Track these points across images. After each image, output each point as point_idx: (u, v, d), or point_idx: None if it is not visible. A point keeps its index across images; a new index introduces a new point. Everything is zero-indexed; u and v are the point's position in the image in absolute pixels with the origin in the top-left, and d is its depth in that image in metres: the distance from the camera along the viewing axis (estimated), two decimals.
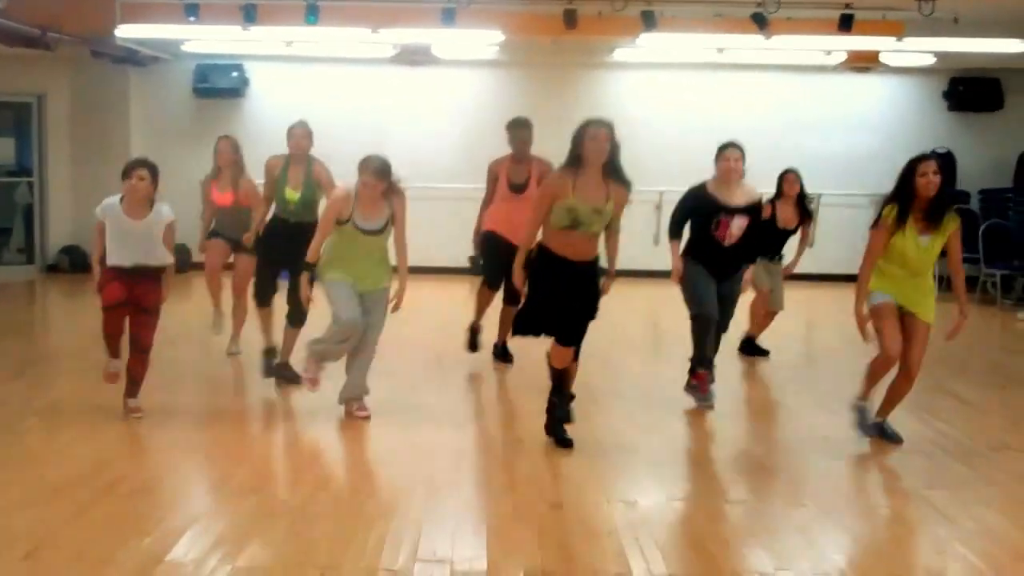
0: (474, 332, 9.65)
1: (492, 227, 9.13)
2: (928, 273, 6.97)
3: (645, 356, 10.51)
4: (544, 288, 6.64)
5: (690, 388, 7.96)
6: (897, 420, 7.90)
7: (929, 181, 6.70)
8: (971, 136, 16.20)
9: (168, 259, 7.27)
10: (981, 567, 5.16)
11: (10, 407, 7.79)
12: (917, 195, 6.74)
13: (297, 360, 8.13)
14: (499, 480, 6.40)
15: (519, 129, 9.25)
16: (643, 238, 15.26)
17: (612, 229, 6.75)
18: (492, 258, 9.23)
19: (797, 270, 10.23)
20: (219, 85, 15.87)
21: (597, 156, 6.42)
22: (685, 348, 8.17)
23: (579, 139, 6.46)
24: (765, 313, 10.01)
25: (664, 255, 8.18)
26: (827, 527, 5.72)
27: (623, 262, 15.47)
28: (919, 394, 8.85)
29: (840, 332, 10.56)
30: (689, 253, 7.81)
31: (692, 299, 7.77)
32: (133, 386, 7.42)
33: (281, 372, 8.46)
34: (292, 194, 8.46)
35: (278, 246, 8.50)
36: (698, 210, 7.70)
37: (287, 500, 5.93)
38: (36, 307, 14.13)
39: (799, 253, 10.00)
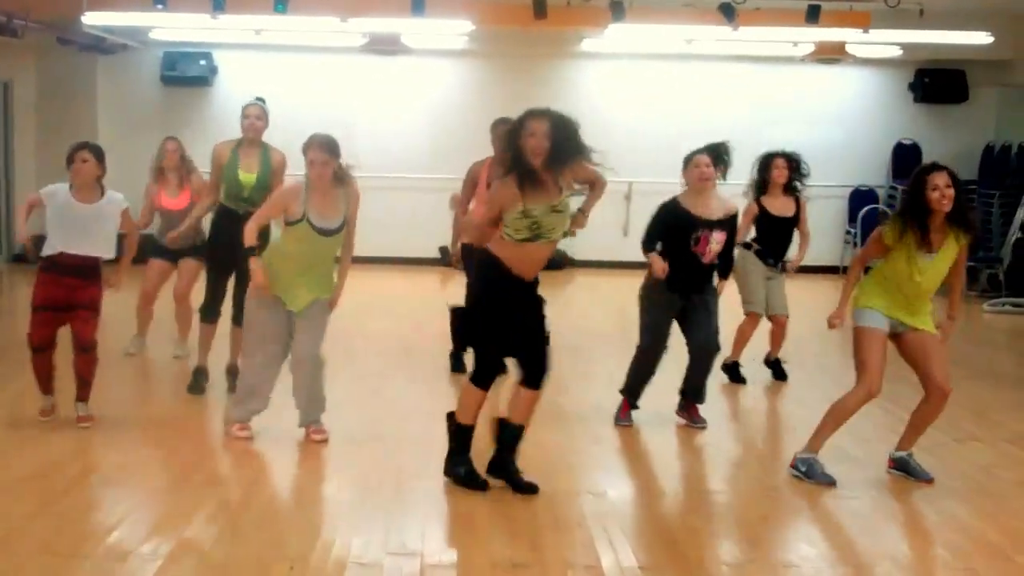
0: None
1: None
2: (931, 293, 6.31)
3: (614, 347, 10.52)
4: (495, 312, 5.89)
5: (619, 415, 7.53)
6: (863, 409, 7.96)
7: (943, 195, 5.99)
8: (936, 128, 16.30)
9: (111, 253, 6.96)
10: (947, 557, 5.24)
11: None
12: (931, 212, 6.03)
13: None
14: None
15: (504, 128, 7.79)
16: (612, 229, 15.28)
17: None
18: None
19: None
20: (187, 73, 15.74)
21: (535, 154, 5.65)
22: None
23: (516, 137, 5.72)
24: (775, 326, 9.09)
25: (633, 247, 8.10)
26: (795, 518, 5.78)
27: (592, 252, 15.43)
28: (885, 384, 8.92)
29: (808, 325, 10.62)
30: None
31: (642, 328, 7.36)
32: (83, 388, 7.02)
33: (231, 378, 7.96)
34: (247, 177, 7.67)
35: (228, 248, 7.48)
36: (675, 226, 7.18)
37: (256, 492, 5.92)
38: (2, 297, 14.00)
39: (803, 246, 9.19)
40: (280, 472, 6.39)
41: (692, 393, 7.52)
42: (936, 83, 16.21)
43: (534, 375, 5.93)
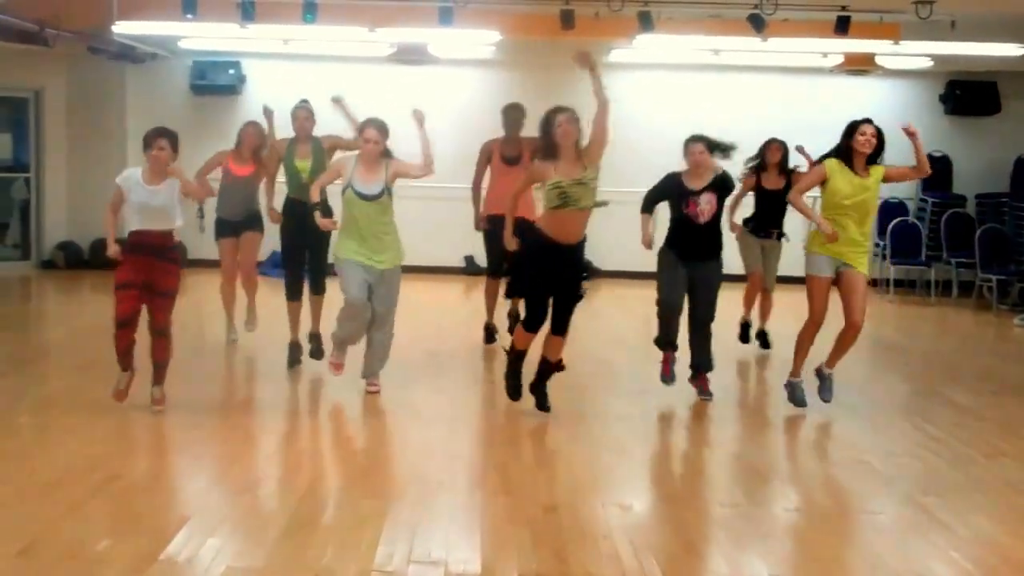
0: (489, 331, 10.21)
1: (496, 210, 9.23)
2: (868, 223, 7.91)
3: (639, 358, 10.48)
4: (533, 269, 7.36)
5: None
6: (890, 424, 7.93)
7: (867, 140, 8.01)
8: (968, 140, 16.19)
9: (179, 220, 7.36)
10: (975, 575, 5.17)
11: (3, 403, 7.77)
12: (855, 151, 7.96)
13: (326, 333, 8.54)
14: (493, 482, 6.40)
15: (514, 112, 10.23)
16: (638, 239, 15.22)
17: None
18: (495, 243, 9.16)
19: (789, 272, 10.24)
20: (216, 82, 15.82)
21: (568, 140, 7.31)
22: (679, 351, 8.21)
23: (549, 129, 7.40)
24: (763, 297, 10.31)
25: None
26: (821, 532, 5.72)
27: (618, 262, 15.38)
28: (913, 398, 8.87)
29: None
30: (666, 239, 8.39)
31: (659, 285, 8.35)
32: (157, 371, 7.47)
33: (317, 347, 8.99)
34: (302, 164, 8.80)
35: (299, 233, 8.76)
36: (667, 191, 8.39)
37: (281, 500, 5.92)
38: (31, 303, 14.10)
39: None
40: (306, 479, 6.39)
41: (699, 364, 8.28)
42: (967, 95, 16.06)
43: (559, 324, 7.48)
